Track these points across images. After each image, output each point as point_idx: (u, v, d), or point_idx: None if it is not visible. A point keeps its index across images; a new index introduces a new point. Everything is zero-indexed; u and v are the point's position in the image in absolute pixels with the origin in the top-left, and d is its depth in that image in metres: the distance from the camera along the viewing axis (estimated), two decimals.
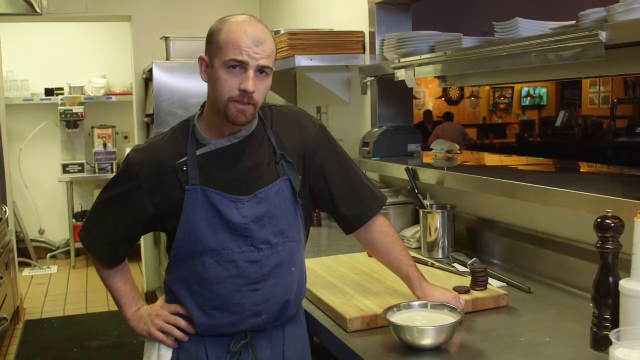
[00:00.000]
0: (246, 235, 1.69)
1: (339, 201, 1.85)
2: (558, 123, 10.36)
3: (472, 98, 13.04)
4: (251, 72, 1.61)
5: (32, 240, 6.96)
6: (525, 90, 12.85)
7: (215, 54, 1.64)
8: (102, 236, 1.80)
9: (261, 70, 1.63)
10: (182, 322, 1.75)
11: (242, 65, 1.60)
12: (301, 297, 1.84)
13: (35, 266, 6.78)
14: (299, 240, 1.80)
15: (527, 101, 12.95)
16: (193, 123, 1.74)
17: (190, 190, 1.67)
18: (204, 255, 1.69)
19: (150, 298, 5.40)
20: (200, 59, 1.70)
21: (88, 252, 1.88)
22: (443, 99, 12.65)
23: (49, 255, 6.98)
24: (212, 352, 1.74)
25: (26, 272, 6.62)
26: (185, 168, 1.68)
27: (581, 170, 2.78)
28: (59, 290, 6.06)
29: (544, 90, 12.85)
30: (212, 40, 1.65)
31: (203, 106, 1.77)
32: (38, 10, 4.81)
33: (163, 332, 1.76)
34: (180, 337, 1.75)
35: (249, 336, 1.74)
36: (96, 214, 1.82)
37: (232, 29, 1.62)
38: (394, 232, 1.93)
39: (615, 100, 10.08)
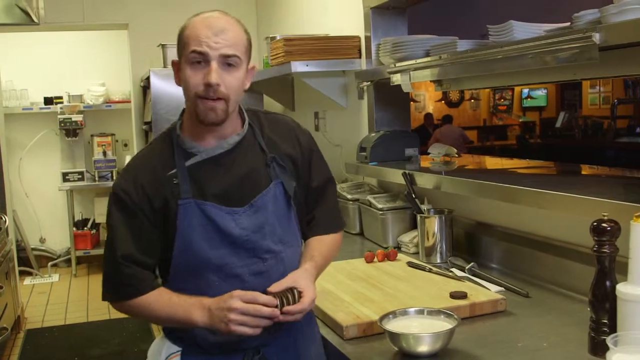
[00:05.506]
0: (248, 247, 1.63)
1: (316, 207, 1.81)
2: (558, 124, 10.32)
3: (473, 100, 13.03)
4: (214, 64, 1.53)
5: (33, 249, 6.95)
6: (525, 92, 12.84)
7: (181, 53, 1.59)
8: (137, 267, 1.62)
9: (227, 62, 1.56)
10: (265, 310, 1.51)
11: (205, 58, 1.54)
12: None
13: (36, 275, 6.76)
14: (298, 245, 1.76)
15: (527, 102, 12.95)
16: (177, 132, 1.66)
17: (183, 204, 1.59)
18: (207, 273, 1.61)
19: None
20: (173, 63, 1.64)
21: (128, 297, 1.62)
22: (443, 101, 12.64)
23: (50, 263, 6.96)
24: None
25: (27, 281, 6.60)
26: (176, 180, 1.60)
27: (581, 172, 2.76)
28: (60, 299, 6.04)
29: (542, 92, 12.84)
30: (179, 40, 1.61)
31: (182, 114, 1.70)
32: (35, 20, 4.81)
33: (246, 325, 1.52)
34: (267, 324, 1.53)
35: (261, 351, 1.67)
36: (116, 256, 1.61)
37: (192, 22, 1.58)
38: (333, 247, 1.83)
39: (616, 100, 10.06)
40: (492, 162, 3.56)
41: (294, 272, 1.63)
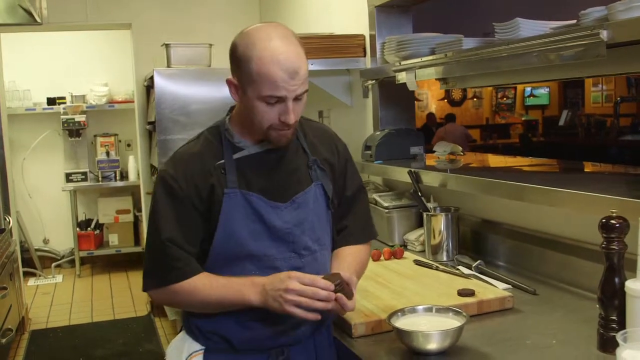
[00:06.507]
0: (289, 241, 1.67)
1: (348, 216, 1.84)
2: (561, 122, 10.33)
3: (475, 99, 13.03)
4: (290, 104, 1.57)
5: (36, 249, 6.96)
6: (528, 90, 12.83)
7: (247, 84, 1.57)
8: (183, 249, 1.63)
9: (299, 97, 1.59)
10: (322, 294, 1.53)
11: (280, 99, 1.56)
12: None
13: (40, 276, 6.77)
14: (330, 248, 1.80)
15: (530, 101, 12.94)
16: (225, 127, 1.71)
17: (229, 194, 1.63)
18: (245, 262, 1.64)
19: (157, 305, 5.39)
20: (229, 82, 1.64)
21: (174, 280, 1.62)
22: (446, 100, 12.64)
23: (53, 264, 6.96)
24: None
25: (31, 282, 6.61)
26: (223, 171, 1.64)
27: (586, 170, 2.76)
28: (64, 299, 6.05)
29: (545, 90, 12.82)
30: (242, 68, 1.57)
31: (230, 110, 1.74)
32: (38, 19, 4.80)
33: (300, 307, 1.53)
34: (322, 307, 1.53)
35: (285, 351, 1.69)
36: (161, 239, 1.62)
37: (263, 60, 1.52)
38: (366, 260, 1.86)
39: (619, 98, 10.05)
40: (497, 160, 3.56)
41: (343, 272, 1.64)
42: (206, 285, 1.61)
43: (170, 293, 1.64)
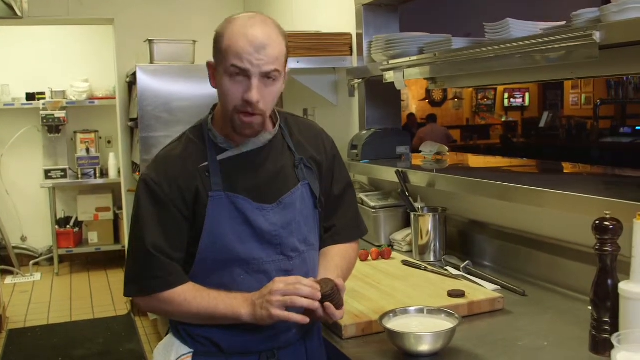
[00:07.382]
0: (276, 243, 1.63)
1: (335, 214, 1.81)
2: (542, 124, 10.40)
3: (456, 100, 13.06)
4: (255, 81, 1.52)
5: (14, 247, 6.85)
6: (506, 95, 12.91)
7: (219, 60, 1.56)
8: (167, 259, 1.59)
9: (267, 76, 1.53)
10: (305, 290, 1.52)
11: (245, 73, 1.51)
12: None
13: (17, 274, 6.67)
14: (317, 248, 1.77)
15: (509, 102, 13.02)
16: (208, 127, 1.67)
17: (214, 197, 1.58)
18: (233, 266, 1.60)
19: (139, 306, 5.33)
20: (208, 64, 1.62)
21: (156, 289, 1.58)
22: (427, 100, 12.66)
23: (31, 262, 6.88)
24: None
25: (8, 280, 6.51)
26: (207, 173, 1.60)
27: (570, 171, 2.77)
28: (42, 298, 5.96)
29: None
30: (216, 47, 1.57)
31: (213, 109, 1.70)
32: (19, 13, 4.74)
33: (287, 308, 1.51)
34: (307, 304, 1.51)
35: (276, 354, 1.66)
36: (145, 246, 1.58)
37: (233, 33, 1.52)
38: (354, 260, 1.85)
39: (598, 101, 10.14)
40: (480, 161, 3.57)
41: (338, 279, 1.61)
42: (196, 297, 1.58)
43: (159, 302, 1.61)
